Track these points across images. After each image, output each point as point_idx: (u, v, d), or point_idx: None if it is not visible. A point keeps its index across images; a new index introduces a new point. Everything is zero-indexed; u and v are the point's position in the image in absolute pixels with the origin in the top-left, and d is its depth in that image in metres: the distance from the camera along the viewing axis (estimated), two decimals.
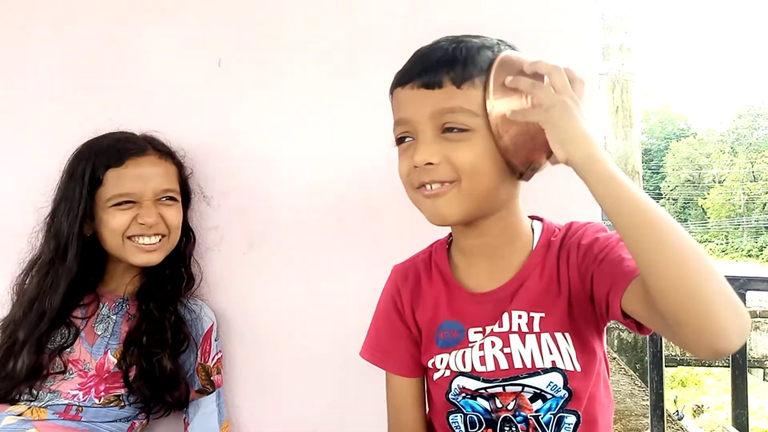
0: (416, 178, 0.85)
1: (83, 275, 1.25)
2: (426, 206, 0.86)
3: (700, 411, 8.83)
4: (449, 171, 0.82)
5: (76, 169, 1.24)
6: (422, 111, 0.83)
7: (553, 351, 0.85)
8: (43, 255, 1.26)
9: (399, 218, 1.35)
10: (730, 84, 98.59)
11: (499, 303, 0.89)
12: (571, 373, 0.85)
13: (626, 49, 7.98)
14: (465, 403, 0.90)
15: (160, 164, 1.28)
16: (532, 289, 0.88)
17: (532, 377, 0.85)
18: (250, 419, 1.44)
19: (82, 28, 1.49)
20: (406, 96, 0.86)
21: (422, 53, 0.87)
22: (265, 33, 1.42)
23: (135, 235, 1.24)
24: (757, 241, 39.35)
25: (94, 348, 1.23)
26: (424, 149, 0.83)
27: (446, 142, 0.83)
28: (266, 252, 1.42)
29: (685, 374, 9.99)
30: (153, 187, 1.25)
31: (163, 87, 1.45)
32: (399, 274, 1.01)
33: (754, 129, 47.63)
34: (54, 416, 1.17)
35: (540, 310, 0.87)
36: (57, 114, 1.48)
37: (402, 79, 0.87)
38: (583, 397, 0.86)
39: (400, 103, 0.87)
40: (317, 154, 1.40)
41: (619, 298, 0.77)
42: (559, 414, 0.86)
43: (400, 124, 0.88)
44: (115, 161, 1.22)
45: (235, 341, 1.43)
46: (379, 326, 1.02)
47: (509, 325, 0.87)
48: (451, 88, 0.82)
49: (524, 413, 0.86)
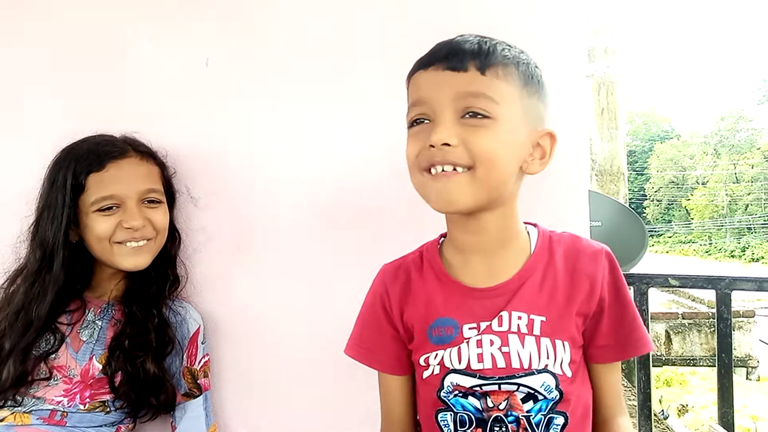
0: (427, 158, 0.84)
1: (70, 283, 1.23)
2: (433, 189, 0.85)
3: (685, 410, 8.89)
4: (465, 156, 0.82)
5: (57, 176, 1.22)
6: (445, 92, 0.83)
7: (550, 356, 0.87)
8: (28, 264, 1.24)
9: (388, 219, 1.35)
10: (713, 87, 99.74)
11: (496, 301, 0.89)
12: (562, 377, 0.87)
13: (611, 51, 8.04)
14: (456, 402, 0.89)
15: (142, 165, 1.26)
16: (533, 292, 0.89)
17: (527, 377, 0.86)
18: (238, 422, 1.42)
19: (68, 26, 1.47)
20: (429, 77, 0.85)
21: (447, 42, 0.87)
22: (253, 32, 1.41)
23: (122, 241, 1.22)
24: (739, 242, 39.89)
25: (79, 354, 1.21)
26: (443, 129, 0.82)
27: (466, 126, 0.82)
28: (254, 253, 1.41)
29: (670, 374, 10.08)
30: (136, 189, 1.23)
31: (151, 86, 1.44)
32: (388, 273, 1.01)
33: (736, 131, 48.31)
34: (38, 421, 1.15)
35: (540, 314, 0.88)
36: (41, 116, 1.46)
37: (425, 62, 0.87)
38: (572, 399, 0.87)
39: (421, 84, 0.86)
40: (306, 155, 1.39)
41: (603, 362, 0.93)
42: (550, 415, 0.86)
43: (419, 105, 0.86)
44: (95, 165, 1.21)
45: (223, 343, 1.42)
46: (364, 323, 1.02)
47: (508, 325, 0.87)
48: (475, 74, 0.83)
49: (516, 413, 0.86)
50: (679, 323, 7.19)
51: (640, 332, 0.91)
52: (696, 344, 7.12)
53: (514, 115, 0.84)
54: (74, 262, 1.23)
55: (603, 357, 0.92)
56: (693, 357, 7.14)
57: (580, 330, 0.90)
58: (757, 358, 7.43)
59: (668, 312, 7.74)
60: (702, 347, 7.06)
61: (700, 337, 7.11)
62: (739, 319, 7.03)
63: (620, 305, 0.91)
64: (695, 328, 7.15)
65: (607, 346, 0.91)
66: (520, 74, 0.85)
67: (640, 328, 0.91)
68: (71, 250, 1.23)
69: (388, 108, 1.32)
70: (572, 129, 1.26)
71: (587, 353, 0.92)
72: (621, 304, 0.91)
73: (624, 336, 0.90)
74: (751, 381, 7.88)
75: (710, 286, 2.23)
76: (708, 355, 6.72)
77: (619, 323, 0.91)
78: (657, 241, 45.53)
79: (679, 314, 7.38)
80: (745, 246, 37.93)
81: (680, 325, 7.18)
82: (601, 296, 0.89)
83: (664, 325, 7.14)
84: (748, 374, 7.65)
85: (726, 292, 2.13)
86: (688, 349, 7.12)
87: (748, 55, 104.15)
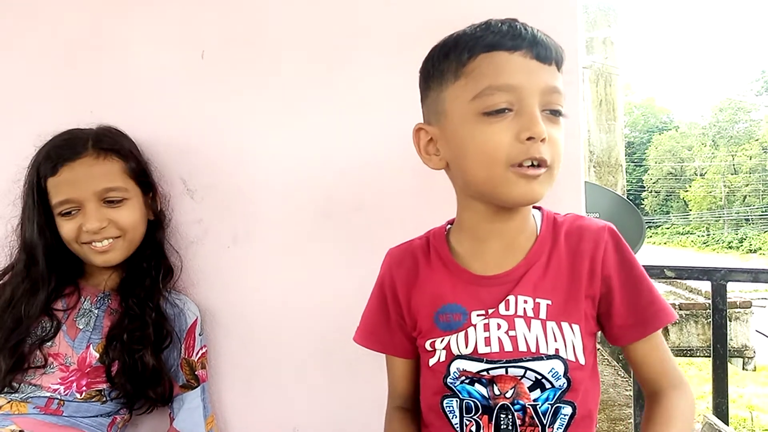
0: (522, 153, 0.80)
1: (60, 277, 1.24)
2: (520, 186, 0.81)
3: None
4: (549, 153, 0.81)
5: (27, 180, 1.24)
6: (536, 83, 0.80)
7: (558, 339, 0.85)
8: (16, 264, 1.26)
9: (385, 213, 1.35)
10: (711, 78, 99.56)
11: (503, 287, 0.88)
12: (573, 363, 0.85)
13: (610, 42, 8.02)
14: (462, 388, 0.88)
15: (97, 164, 1.22)
16: (538, 276, 0.88)
17: (535, 361, 0.85)
18: (236, 413, 1.43)
19: (62, 18, 1.46)
20: (518, 63, 0.81)
21: (515, 26, 0.84)
22: (249, 25, 1.41)
23: (87, 242, 1.22)
24: (737, 233, 39.97)
25: (76, 342, 1.21)
26: (540, 123, 0.79)
27: (549, 122, 0.82)
28: (251, 246, 1.41)
29: None
30: (92, 190, 1.20)
31: (145, 79, 1.43)
32: (394, 258, 1.00)
33: (734, 122, 48.28)
34: (35, 410, 1.15)
35: (546, 297, 0.86)
36: (31, 112, 1.45)
37: (507, 44, 0.81)
38: (580, 388, 0.86)
39: (508, 69, 0.81)
40: (303, 148, 1.39)
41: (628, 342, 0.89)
42: (557, 404, 0.85)
43: (505, 91, 0.80)
44: (50, 171, 1.21)
45: (220, 336, 1.42)
46: (371, 308, 1.02)
47: (515, 308, 0.86)
48: (554, 68, 0.83)
49: (522, 401, 0.85)
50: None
51: (658, 304, 0.87)
52: (693, 335, 7.15)
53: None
54: (61, 258, 1.25)
55: (627, 337, 0.88)
56: (690, 348, 7.17)
57: (591, 315, 0.88)
58: (753, 348, 7.47)
59: None
60: (699, 338, 7.09)
61: (697, 327, 7.14)
62: (736, 310, 7.06)
63: (631, 282, 0.88)
64: (692, 319, 7.18)
65: (626, 326, 0.88)
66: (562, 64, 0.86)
67: (658, 300, 0.87)
68: (54, 248, 1.24)
69: (386, 100, 1.32)
70: (569, 121, 1.26)
71: (612, 336, 0.89)
72: (632, 280, 0.88)
73: (642, 311, 0.87)
74: (747, 371, 7.93)
75: (706, 278, 2.24)
76: (705, 345, 6.75)
77: (634, 300, 0.87)
78: (655, 232, 45.62)
79: (677, 305, 7.40)
80: (742, 237, 38.02)
81: (677, 315, 7.21)
82: (604, 276, 0.87)
83: None
84: (744, 364, 7.69)
85: (721, 284, 2.14)
86: (685, 340, 7.15)
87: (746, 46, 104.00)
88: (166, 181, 1.40)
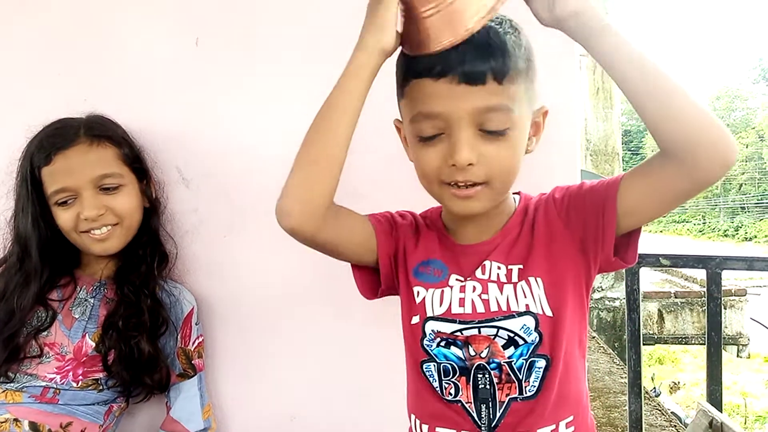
0: (449, 175, 0.84)
1: (54, 269, 1.24)
2: (455, 203, 0.86)
3: (677, 388, 9.02)
4: (483, 173, 0.83)
5: (20, 171, 1.23)
6: (463, 108, 0.80)
7: (527, 295, 0.87)
8: (10, 256, 1.25)
9: (381, 201, 1.34)
10: (708, 66, 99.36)
11: (480, 256, 0.91)
12: (542, 316, 0.87)
13: None
14: (438, 352, 0.90)
15: (91, 151, 1.22)
16: (510, 245, 0.91)
17: (506, 320, 0.87)
18: (232, 402, 1.44)
19: (55, 6, 1.45)
20: (441, 91, 0.80)
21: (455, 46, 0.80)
22: (244, 11, 1.39)
23: (85, 230, 1.21)
24: (733, 221, 40.09)
25: (72, 331, 1.21)
26: (466, 149, 0.80)
27: (483, 141, 0.82)
28: (247, 234, 1.41)
29: (662, 352, 10.20)
30: (87, 178, 1.20)
31: (140, 66, 1.42)
32: (400, 212, 1.02)
33: (731, 110, 48.24)
34: (30, 399, 1.16)
35: (518, 263, 0.90)
36: (27, 102, 1.44)
37: (434, 71, 0.80)
38: (552, 342, 0.87)
39: (432, 97, 0.81)
40: (298, 135, 1.38)
41: (615, 200, 0.82)
42: (531, 359, 0.88)
43: (432, 119, 0.82)
44: (43, 160, 1.20)
45: (216, 325, 1.42)
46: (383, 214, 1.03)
47: (489, 274, 0.90)
48: (493, 85, 0.80)
49: (498, 360, 0.88)
50: (671, 302, 7.26)
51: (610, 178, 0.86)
52: (688, 323, 7.19)
53: (523, 111, 0.84)
54: (56, 249, 1.24)
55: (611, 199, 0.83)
56: (685, 335, 7.21)
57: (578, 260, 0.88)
58: (748, 336, 7.52)
59: (661, 291, 7.80)
60: (694, 326, 7.13)
61: (692, 315, 7.18)
62: (731, 298, 7.09)
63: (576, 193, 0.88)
64: (687, 306, 7.21)
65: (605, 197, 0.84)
66: (523, 64, 0.83)
67: (602, 179, 0.86)
68: (49, 239, 1.23)
69: (383, 87, 1.31)
70: (564, 109, 1.25)
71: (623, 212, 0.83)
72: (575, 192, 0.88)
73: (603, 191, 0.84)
74: (741, 359, 7.99)
75: (701, 266, 2.24)
76: (700, 333, 6.78)
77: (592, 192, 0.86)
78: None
79: (672, 293, 7.44)
80: (738, 225, 38.13)
81: (673, 303, 7.24)
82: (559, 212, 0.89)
83: (656, 304, 7.20)
84: (738, 352, 7.74)
85: (716, 272, 2.14)
86: (680, 328, 7.19)
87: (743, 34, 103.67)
88: (161, 170, 1.39)
